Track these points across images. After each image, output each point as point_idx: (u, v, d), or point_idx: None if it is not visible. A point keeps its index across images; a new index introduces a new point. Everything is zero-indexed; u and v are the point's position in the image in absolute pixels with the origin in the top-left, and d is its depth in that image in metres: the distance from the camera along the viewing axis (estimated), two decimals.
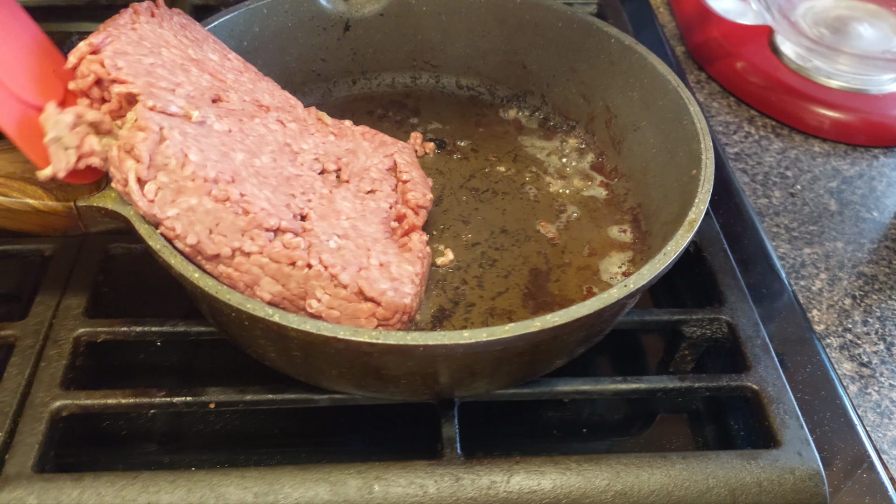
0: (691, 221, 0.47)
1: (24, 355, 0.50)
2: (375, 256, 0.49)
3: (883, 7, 0.86)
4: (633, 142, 0.62)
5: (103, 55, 0.46)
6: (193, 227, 0.44)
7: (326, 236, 0.48)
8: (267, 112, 0.54)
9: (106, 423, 0.54)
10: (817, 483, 0.46)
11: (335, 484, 0.44)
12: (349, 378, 0.46)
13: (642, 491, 0.45)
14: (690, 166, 0.52)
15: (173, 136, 0.44)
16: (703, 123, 0.54)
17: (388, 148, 0.59)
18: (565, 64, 0.65)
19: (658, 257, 0.45)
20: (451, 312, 0.54)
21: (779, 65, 0.84)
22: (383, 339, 0.40)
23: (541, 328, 0.41)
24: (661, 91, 0.58)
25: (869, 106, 0.80)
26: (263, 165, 0.49)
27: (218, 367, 0.58)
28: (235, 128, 0.49)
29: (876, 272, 0.67)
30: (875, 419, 0.56)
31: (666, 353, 0.59)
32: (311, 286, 0.46)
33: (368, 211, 0.53)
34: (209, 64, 0.52)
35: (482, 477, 0.45)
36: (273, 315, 0.40)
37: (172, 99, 0.46)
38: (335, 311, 0.47)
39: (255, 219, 0.45)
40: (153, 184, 0.44)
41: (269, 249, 0.45)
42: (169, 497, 0.43)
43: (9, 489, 0.43)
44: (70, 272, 0.55)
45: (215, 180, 0.44)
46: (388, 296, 0.47)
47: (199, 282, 0.42)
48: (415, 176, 0.58)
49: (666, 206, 0.55)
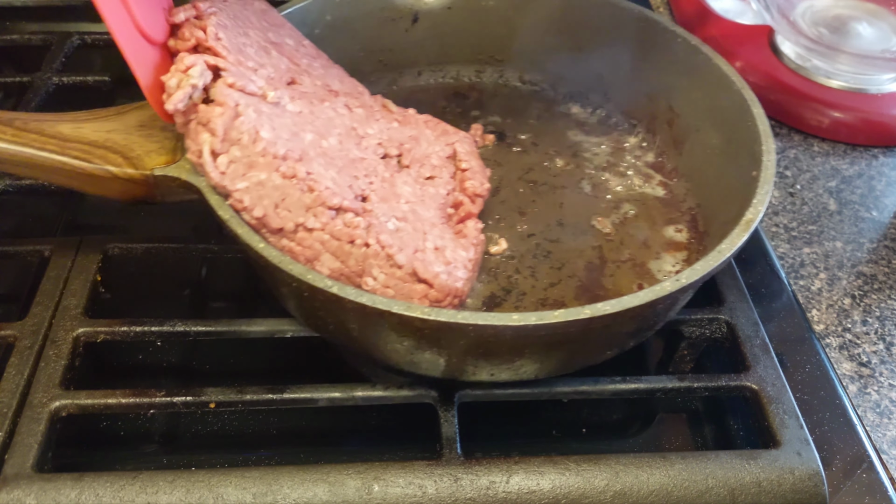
0: (748, 221, 0.47)
1: (23, 355, 0.50)
2: (431, 240, 0.50)
3: (882, 6, 0.86)
4: (695, 142, 0.61)
5: (207, 22, 0.48)
6: (261, 200, 0.46)
7: (386, 217, 0.49)
8: (336, 97, 0.55)
9: (105, 424, 0.54)
10: (817, 483, 0.46)
11: (334, 484, 0.44)
12: (402, 353, 0.46)
13: (641, 491, 0.45)
14: (751, 168, 0.52)
15: (248, 113, 0.46)
16: (767, 125, 0.54)
17: (450, 137, 0.60)
18: (630, 62, 0.65)
19: (712, 254, 0.45)
20: (503, 300, 0.54)
21: (778, 64, 0.84)
22: (434, 316, 0.40)
23: (591, 316, 0.41)
24: (725, 92, 0.58)
25: (868, 105, 0.80)
26: (330, 147, 0.51)
27: (217, 368, 0.58)
28: (306, 109, 0.51)
29: (875, 272, 0.67)
30: (874, 419, 0.56)
31: (665, 353, 0.59)
32: (368, 264, 0.47)
33: (427, 196, 0.54)
34: (286, 48, 0.55)
35: (481, 477, 0.45)
36: (332, 287, 0.41)
37: (254, 79, 0.49)
38: (390, 290, 0.48)
39: (319, 196, 0.46)
40: (226, 157, 0.46)
41: (330, 227, 0.47)
42: (167, 497, 0.43)
43: (8, 489, 0.43)
44: (69, 272, 0.55)
45: (284, 157, 0.46)
46: (441, 279, 0.48)
47: (263, 252, 0.43)
48: (473, 165, 0.59)
49: (725, 208, 0.55)
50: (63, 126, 0.50)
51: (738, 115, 0.56)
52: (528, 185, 0.63)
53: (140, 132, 0.50)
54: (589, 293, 0.55)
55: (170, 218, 0.62)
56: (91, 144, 0.49)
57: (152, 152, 0.49)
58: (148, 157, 0.49)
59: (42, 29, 0.83)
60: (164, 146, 0.49)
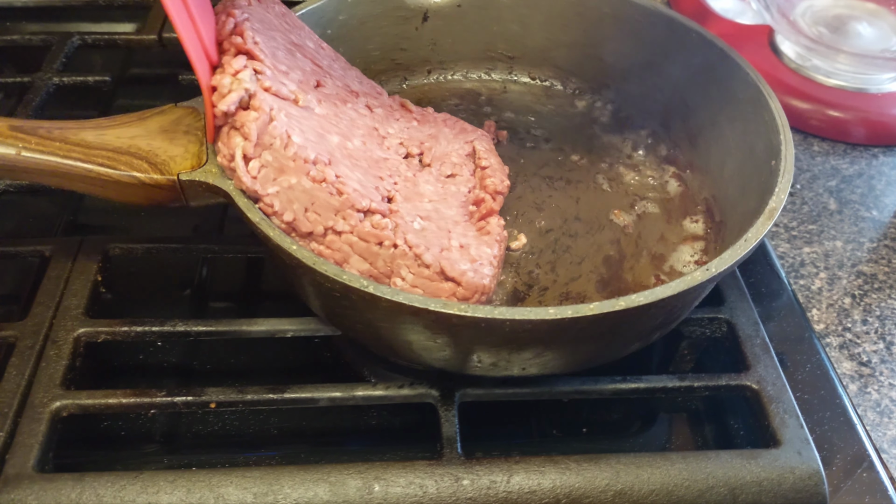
0: (771, 210, 0.48)
1: (24, 356, 0.50)
2: (456, 238, 0.51)
3: (882, 6, 0.86)
4: (711, 136, 0.62)
5: (244, 27, 0.49)
6: (291, 204, 0.46)
7: (411, 217, 0.49)
8: (357, 97, 0.56)
9: (106, 424, 0.54)
10: (817, 482, 0.46)
11: (335, 484, 0.44)
12: (433, 351, 0.46)
13: (642, 490, 0.45)
14: (770, 158, 0.52)
15: (280, 118, 0.46)
16: (783, 117, 0.54)
17: (468, 135, 0.60)
18: (643, 57, 0.65)
19: (739, 243, 0.45)
20: (526, 294, 0.54)
21: (778, 64, 0.84)
22: (472, 313, 0.40)
23: (626, 307, 0.41)
24: (741, 86, 0.58)
25: (868, 105, 0.80)
26: (355, 148, 0.51)
27: (218, 368, 0.58)
28: (331, 112, 0.52)
29: (875, 271, 0.67)
30: (875, 418, 0.56)
31: (665, 352, 0.59)
32: (396, 265, 0.48)
33: (449, 194, 0.55)
34: (308, 50, 0.55)
35: (482, 477, 0.45)
36: (367, 286, 0.41)
37: (286, 82, 0.49)
38: (418, 290, 0.48)
39: (348, 199, 0.47)
40: (257, 161, 0.46)
41: (359, 229, 0.47)
42: (168, 497, 0.43)
43: (8, 489, 0.43)
44: (69, 272, 0.55)
45: (314, 161, 0.46)
46: (469, 276, 0.48)
47: (296, 253, 0.43)
48: (493, 162, 0.59)
49: (744, 199, 0.55)
50: (86, 133, 0.50)
51: (754, 107, 0.56)
52: (543, 180, 0.63)
53: (163, 137, 0.50)
54: (610, 287, 0.55)
55: (170, 218, 0.62)
56: (115, 151, 0.49)
57: (177, 157, 0.49)
58: (173, 162, 0.49)
59: (42, 29, 0.83)
60: (188, 150, 0.49)
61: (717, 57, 0.60)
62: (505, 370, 0.47)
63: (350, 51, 0.63)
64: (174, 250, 0.59)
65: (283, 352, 0.57)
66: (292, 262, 0.44)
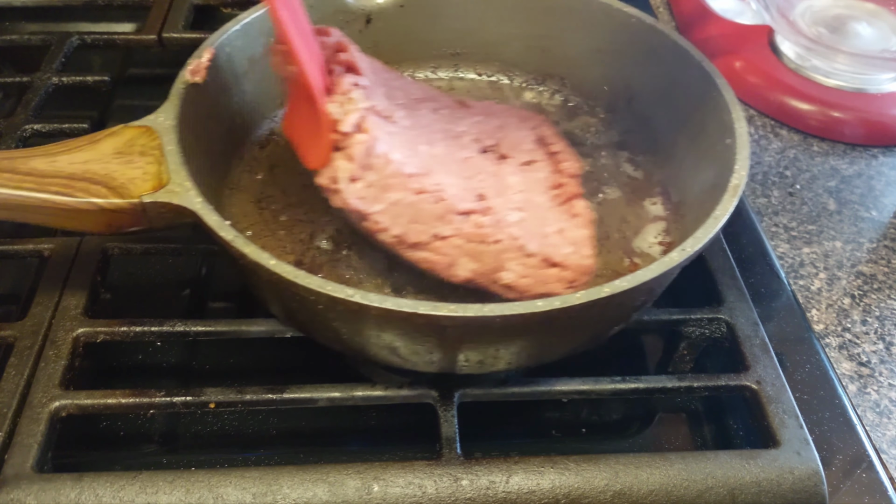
0: (735, 186, 0.48)
1: (23, 356, 0.50)
2: (552, 224, 0.51)
3: (881, 6, 0.86)
4: (661, 118, 0.62)
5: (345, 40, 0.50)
6: (397, 219, 0.47)
7: (506, 211, 0.50)
8: (422, 103, 0.57)
9: (105, 424, 0.54)
10: (816, 483, 0.46)
11: (334, 484, 0.44)
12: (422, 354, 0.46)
13: (641, 491, 0.45)
14: (723, 136, 0.53)
15: (382, 137, 0.47)
16: (732, 94, 0.54)
17: (530, 122, 0.60)
18: (585, 46, 0.66)
19: (708, 222, 0.46)
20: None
21: (778, 64, 0.84)
22: (461, 313, 0.41)
23: (611, 293, 0.42)
24: (685, 66, 0.58)
25: (867, 105, 0.80)
26: (440, 153, 0.52)
27: (217, 368, 0.58)
28: (413, 122, 0.53)
29: (875, 271, 0.67)
30: (874, 418, 0.56)
31: (665, 352, 0.59)
32: (502, 259, 0.48)
33: (533, 181, 0.55)
34: (378, 68, 0.56)
35: (481, 477, 0.45)
36: (353, 296, 0.41)
37: (380, 100, 0.50)
38: (527, 280, 0.48)
39: (448, 205, 0.48)
40: (362, 182, 0.47)
41: (462, 231, 0.48)
42: (167, 497, 0.43)
43: (7, 489, 0.43)
44: (68, 272, 0.55)
45: (413, 175, 0.47)
46: (573, 259, 0.49)
47: (275, 269, 0.42)
48: (563, 146, 0.59)
49: (699, 176, 0.56)
50: (36, 161, 0.47)
51: (702, 87, 0.57)
52: None
53: (118, 160, 0.48)
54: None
55: None
56: (70, 178, 0.47)
57: (136, 179, 0.47)
58: (133, 185, 0.47)
59: (42, 29, 0.83)
60: (147, 172, 0.48)
61: (661, 41, 0.60)
62: (492, 367, 0.47)
63: None
64: (173, 250, 0.59)
65: (282, 352, 0.57)
66: (272, 277, 0.43)
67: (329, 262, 0.54)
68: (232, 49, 0.58)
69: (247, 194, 0.58)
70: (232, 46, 0.58)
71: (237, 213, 0.57)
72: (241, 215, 0.57)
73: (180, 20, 0.79)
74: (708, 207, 0.48)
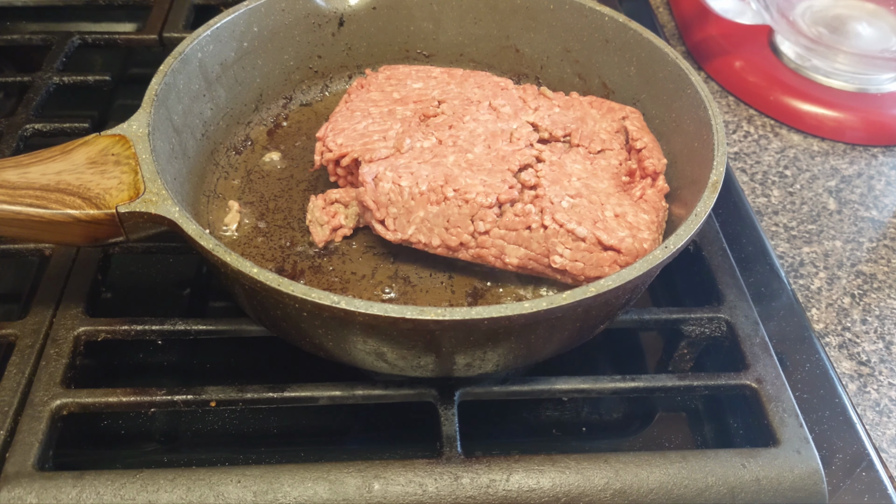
0: (714, 183, 0.49)
1: (24, 354, 0.50)
2: (611, 209, 0.53)
3: (881, 6, 0.86)
4: None
5: (326, 141, 0.56)
6: (433, 231, 0.52)
7: (559, 198, 0.52)
8: (478, 105, 0.60)
9: (106, 422, 0.54)
10: (816, 481, 0.46)
11: (334, 482, 0.44)
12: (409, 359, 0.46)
13: (641, 489, 0.45)
14: (700, 133, 0.54)
15: (385, 175, 0.52)
16: (707, 91, 0.55)
17: (616, 113, 0.61)
18: (558, 45, 0.66)
19: (690, 219, 0.46)
20: (485, 291, 0.54)
21: (778, 64, 0.84)
22: (449, 316, 0.41)
23: (597, 293, 0.42)
24: (659, 64, 0.59)
25: (867, 105, 0.80)
26: (477, 156, 0.55)
27: (217, 366, 0.58)
28: (445, 136, 0.57)
29: (875, 271, 0.67)
30: (874, 417, 0.56)
31: (665, 351, 0.59)
32: (551, 244, 0.51)
33: (599, 168, 0.57)
34: (413, 94, 0.61)
35: (481, 475, 0.45)
36: (339, 302, 0.41)
37: (384, 144, 0.55)
38: (579, 263, 0.50)
39: (474, 203, 0.51)
40: (389, 217, 0.52)
41: (502, 222, 0.51)
42: (168, 496, 0.44)
43: (9, 487, 0.43)
44: (69, 272, 0.55)
45: (430, 189, 0.51)
46: (627, 242, 0.50)
47: (258, 276, 0.42)
48: (647, 142, 0.59)
49: (675, 173, 0.56)
50: (7, 173, 0.46)
51: (676, 85, 0.57)
52: None
53: (92, 169, 0.47)
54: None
55: None
56: (43, 189, 0.46)
57: (111, 189, 0.47)
58: (108, 195, 0.46)
59: (43, 29, 0.83)
60: (122, 181, 0.47)
61: (633, 39, 0.61)
62: (480, 369, 0.47)
63: (268, 62, 0.64)
64: (174, 249, 0.59)
65: (283, 350, 0.57)
66: (255, 285, 0.43)
67: (310, 268, 0.54)
68: (204, 54, 0.58)
69: (224, 201, 0.58)
70: (204, 52, 0.58)
71: (215, 220, 0.57)
72: (219, 222, 0.57)
73: (181, 20, 0.79)
74: (690, 204, 0.48)
